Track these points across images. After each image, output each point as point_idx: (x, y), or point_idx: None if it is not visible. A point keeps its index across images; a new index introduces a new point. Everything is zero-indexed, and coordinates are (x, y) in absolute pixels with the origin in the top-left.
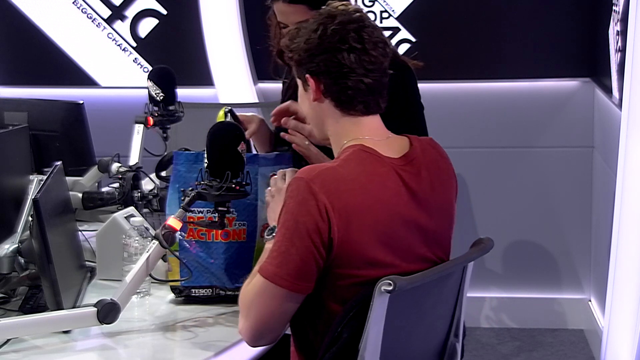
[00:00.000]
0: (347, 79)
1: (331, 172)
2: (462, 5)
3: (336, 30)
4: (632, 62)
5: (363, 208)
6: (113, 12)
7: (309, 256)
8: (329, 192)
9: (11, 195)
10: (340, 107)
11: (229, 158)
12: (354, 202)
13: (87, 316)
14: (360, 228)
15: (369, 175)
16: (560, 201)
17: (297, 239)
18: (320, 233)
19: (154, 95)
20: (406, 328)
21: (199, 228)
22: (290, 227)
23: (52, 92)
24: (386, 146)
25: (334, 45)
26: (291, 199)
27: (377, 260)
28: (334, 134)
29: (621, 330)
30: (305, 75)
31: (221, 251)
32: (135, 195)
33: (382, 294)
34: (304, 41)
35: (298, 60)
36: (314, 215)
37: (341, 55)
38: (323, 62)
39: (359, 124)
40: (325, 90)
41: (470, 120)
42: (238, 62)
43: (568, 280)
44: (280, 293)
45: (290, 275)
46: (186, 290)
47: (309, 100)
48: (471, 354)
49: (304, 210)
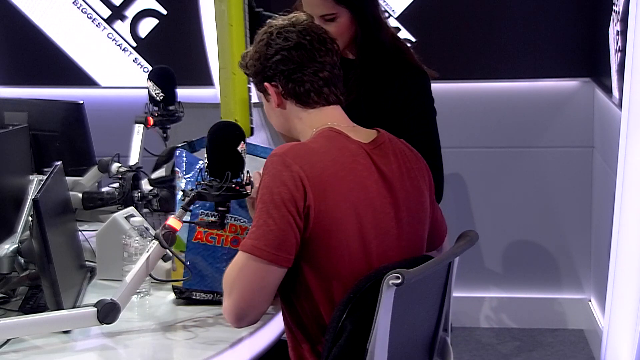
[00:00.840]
0: (301, 74)
1: (303, 146)
2: (462, 5)
3: (280, 33)
4: (632, 62)
5: (337, 178)
6: (113, 12)
7: (286, 226)
8: (302, 162)
9: (11, 195)
10: (301, 104)
11: (229, 158)
12: (328, 172)
13: (87, 316)
14: (335, 196)
15: (339, 149)
16: (560, 201)
17: (274, 210)
18: (295, 202)
19: (154, 95)
20: (404, 321)
21: (208, 232)
22: (267, 200)
23: (52, 92)
24: (353, 132)
25: (281, 46)
26: (266, 175)
27: (354, 232)
28: (301, 130)
29: (621, 330)
30: (264, 84)
31: (227, 257)
32: (135, 195)
33: (390, 287)
34: (254, 52)
35: (253, 72)
36: (288, 186)
37: (289, 53)
38: (274, 64)
39: (321, 114)
40: (283, 91)
41: (470, 120)
42: None
43: (568, 280)
44: (260, 265)
45: (268, 246)
46: (187, 292)
47: (273, 109)
48: (471, 354)
49: (278, 182)
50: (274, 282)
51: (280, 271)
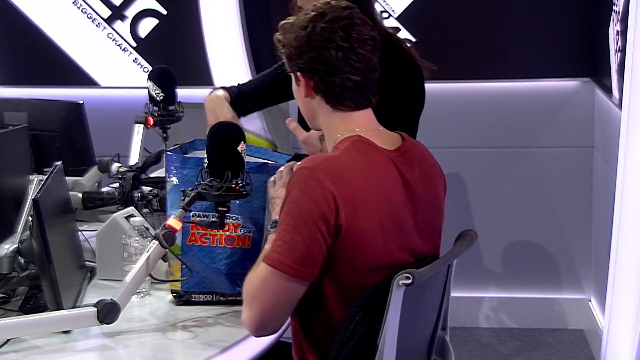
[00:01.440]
0: (334, 77)
1: (334, 161)
2: (462, 5)
3: (324, 29)
4: (632, 62)
5: (367, 195)
6: (113, 12)
7: (314, 243)
8: (335, 179)
9: (11, 195)
10: (330, 103)
11: (229, 158)
12: (359, 188)
13: (87, 316)
14: (365, 215)
15: (369, 163)
16: (560, 201)
17: (302, 226)
18: (326, 220)
19: (154, 95)
20: (412, 321)
21: (202, 233)
22: (295, 215)
23: (52, 92)
24: (378, 137)
25: (321, 44)
26: (295, 188)
27: (379, 248)
28: (326, 127)
29: (621, 330)
30: (296, 72)
31: (224, 256)
32: (135, 195)
33: (400, 287)
34: (294, 38)
35: (288, 55)
36: (319, 203)
37: (328, 53)
38: (311, 60)
39: (349, 118)
40: (314, 87)
41: (470, 120)
42: (238, 62)
43: (568, 280)
44: (284, 280)
45: (294, 262)
46: (186, 295)
47: (301, 95)
48: (471, 354)
49: (309, 198)
50: (297, 297)
51: (304, 286)
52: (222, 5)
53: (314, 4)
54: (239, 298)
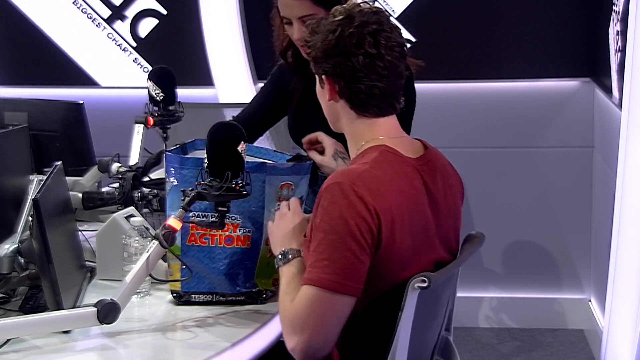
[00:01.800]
0: (360, 83)
1: (369, 175)
2: (462, 5)
3: (353, 34)
4: (632, 62)
5: (401, 209)
6: (113, 12)
7: (359, 258)
8: (374, 193)
9: (11, 195)
10: (354, 109)
11: (229, 158)
12: (395, 203)
13: (87, 316)
14: (401, 228)
15: (400, 176)
16: (560, 201)
17: (349, 241)
18: (371, 234)
19: (154, 95)
20: (424, 324)
21: (202, 233)
22: (340, 231)
23: (52, 92)
24: (403, 145)
25: (349, 49)
26: (333, 204)
27: (411, 262)
28: (350, 133)
29: (621, 330)
30: (322, 75)
31: (223, 256)
32: (135, 195)
33: (415, 290)
34: (321, 40)
35: (315, 57)
36: (365, 217)
37: (355, 59)
38: (337, 65)
39: (374, 125)
40: (339, 91)
41: (470, 120)
42: (238, 62)
43: (568, 280)
44: (335, 298)
45: (344, 278)
46: (186, 295)
47: (325, 98)
48: (471, 354)
49: (353, 213)
50: (347, 313)
51: (352, 301)
52: (222, 5)
53: (343, 5)
54: (238, 298)
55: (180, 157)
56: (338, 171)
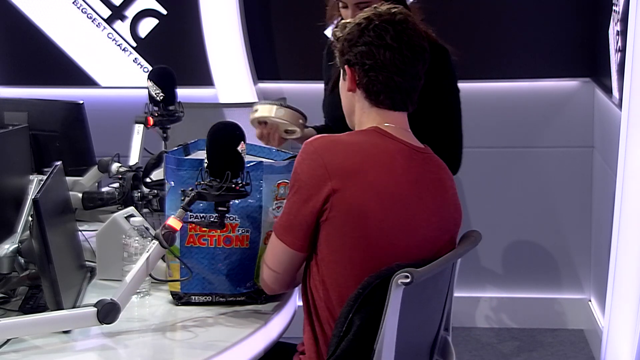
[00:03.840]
0: (378, 74)
1: (333, 138)
2: (462, 5)
3: (377, 26)
4: (632, 62)
5: (362, 168)
6: (113, 12)
7: (305, 212)
8: (327, 151)
9: (11, 195)
10: (368, 98)
11: (229, 158)
12: (353, 161)
13: (87, 316)
14: (361, 186)
15: (372, 145)
16: (560, 201)
17: (297, 197)
18: (317, 189)
19: (154, 95)
20: (412, 320)
21: (200, 234)
22: (293, 186)
23: (52, 92)
24: (404, 136)
25: (372, 40)
26: (298, 163)
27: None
28: (359, 122)
29: (621, 330)
30: (344, 66)
31: (223, 257)
32: (135, 195)
33: (399, 287)
34: (348, 32)
35: (341, 49)
36: (311, 175)
37: (377, 50)
38: (359, 54)
39: (384, 115)
40: (358, 81)
41: (470, 120)
42: (238, 62)
43: (568, 280)
44: (281, 247)
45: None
46: (186, 297)
47: (345, 89)
48: (471, 353)
49: (305, 169)
50: (298, 262)
51: (301, 255)
52: (222, 5)
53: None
54: (238, 298)
55: (178, 158)
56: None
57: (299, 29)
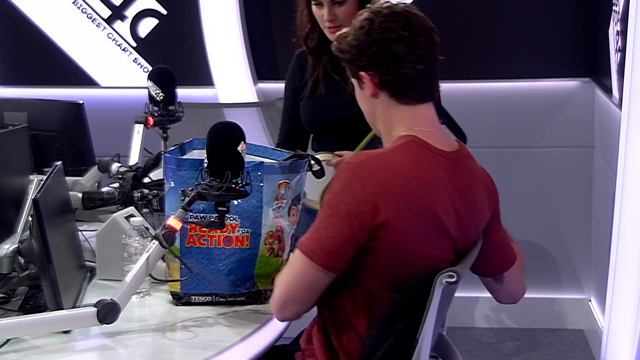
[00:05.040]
0: (399, 67)
1: (381, 159)
2: (462, 5)
3: (382, 22)
4: (632, 62)
5: (413, 196)
6: (113, 12)
7: (347, 238)
8: (378, 177)
9: (11, 195)
10: (394, 97)
11: (229, 158)
12: (404, 189)
13: (87, 316)
14: (410, 216)
15: (419, 164)
16: (560, 201)
17: (337, 219)
18: (362, 217)
19: (154, 95)
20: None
21: (200, 234)
22: (334, 207)
23: (52, 92)
24: (437, 138)
25: (381, 37)
26: (337, 181)
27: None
28: (387, 124)
29: (621, 330)
30: (359, 73)
31: (223, 257)
32: (135, 195)
33: (441, 285)
34: (353, 39)
35: (350, 59)
36: (357, 199)
37: (390, 45)
38: (373, 55)
39: (412, 112)
40: (379, 82)
41: (470, 120)
42: (238, 62)
43: (568, 280)
44: (311, 267)
45: (323, 251)
46: (186, 297)
47: (366, 97)
48: (471, 353)
49: (349, 193)
50: (321, 286)
51: (329, 277)
52: (222, 5)
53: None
54: (238, 299)
55: (178, 158)
56: (358, 152)
57: None
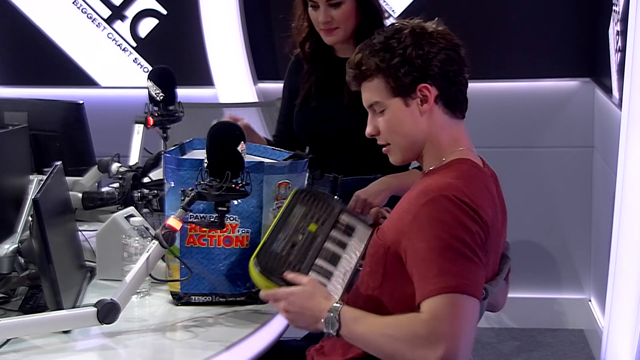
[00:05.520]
0: (462, 77)
1: (469, 190)
2: (463, 5)
3: (438, 33)
4: (632, 62)
5: (494, 222)
6: (113, 12)
7: (483, 262)
8: (478, 206)
9: (11, 195)
10: (450, 110)
11: (229, 158)
12: (488, 217)
13: (87, 316)
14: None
15: (486, 191)
16: (560, 201)
17: (476, 246)
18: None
19: (154, 95)
20: None
21: (200, 234)
22: (463, 238)
23: (52, 92)
24: (477, 157)
25: (445, 45)
26: (448, 213)
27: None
28: (434, 144)
29: (621, 330)
30: (417, 86)
31: (223, 257)
32: (135, 195)
33: None
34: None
35: (408, 71)
36: (480, 225)
37: (454, 53)
38: (441, 63)
39: (458, 129)
40: (440, 94)
41: (470, 120)
42: (238, 62)
43: (568, 280)
44: (473, 303)
45: (477, 283)
46: (186, 297)
47: (412, 115)
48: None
49: (472, 220)
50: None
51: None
52: (222, 5)
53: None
54: (238, 298)
55: (178, 158)
56: (432, 184)
57: None
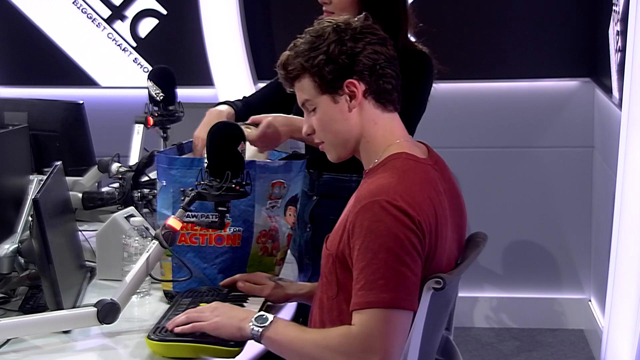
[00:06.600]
0: (390, 69)
1: (401, 188)
2: (462, 5)
3: (363, 27)
4: (632, 62)
5: (435, 216)
6: (113, 12)
7: (414, 271)
8: (412, 205)
9: (11, 195)
10: (381, 104)
11: (229, 158)
12: (429, 211)
13: (87, 316)
14: (438, 236)
15: (426, 182)
16: (560, 201)
17: (407, 256)
18: (421, 246)
19: (154, 95)
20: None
21: (192, 233)
22: (392, 248)
23: (52, 92)
24: (415, 147)
25: (369, 39)
26: (378, 222)
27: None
28: (368, 140)
29: (621, 330)
30: (345, 82)
31: (214, 256)
32: (135, 195)
33: (429, 292)
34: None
35: (333, 69)
36: (413, 230)
37: (380, 47)
38: (366, 58)
39: (392, 122)
40: (368, 88)
41: (470, 120)
42: (238, 62)
43: (568, 280)
44: (400, 315)
45: (407, 294)
46: (178, 295)
47: (341, 112)
48: (471, 353)
49: (402, 227)
50: (409, 328)
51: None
52: (222, 5)
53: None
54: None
55: (169, 157)
56: (366, 190)
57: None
